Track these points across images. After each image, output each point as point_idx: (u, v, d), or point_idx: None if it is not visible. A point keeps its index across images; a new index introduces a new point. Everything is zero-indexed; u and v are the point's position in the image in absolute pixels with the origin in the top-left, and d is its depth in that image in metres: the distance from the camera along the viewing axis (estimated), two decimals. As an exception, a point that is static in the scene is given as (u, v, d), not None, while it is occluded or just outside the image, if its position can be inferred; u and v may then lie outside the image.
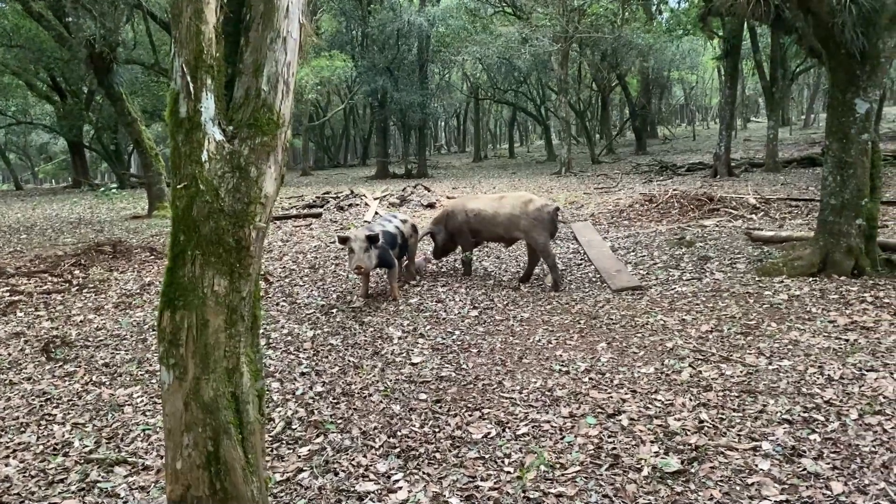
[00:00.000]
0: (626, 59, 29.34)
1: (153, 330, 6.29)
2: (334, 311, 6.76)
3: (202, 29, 2.39)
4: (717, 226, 9.79)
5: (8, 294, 7.47)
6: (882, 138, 23.82)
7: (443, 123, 59.68)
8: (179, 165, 2.41)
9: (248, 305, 2.54)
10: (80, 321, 6.63)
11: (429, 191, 16.49)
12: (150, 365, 5.39)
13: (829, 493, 3.17)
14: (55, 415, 4.51)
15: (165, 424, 2.49)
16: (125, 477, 3.68)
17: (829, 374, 4.44)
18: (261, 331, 5.74)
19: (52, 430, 4.29)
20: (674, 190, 12.85)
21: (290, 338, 5.95)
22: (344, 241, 6.57)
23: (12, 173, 37.17)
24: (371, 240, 6.52)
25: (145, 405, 4.64)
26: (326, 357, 5.47)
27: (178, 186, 2.40)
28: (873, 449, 3.51)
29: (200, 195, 2.39)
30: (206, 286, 2.41)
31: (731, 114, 18.18)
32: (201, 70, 2.40)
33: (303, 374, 5.12)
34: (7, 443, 4.13)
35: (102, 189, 17.29)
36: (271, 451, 3.93)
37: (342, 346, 5.73)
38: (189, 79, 2.38)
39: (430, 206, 14.05)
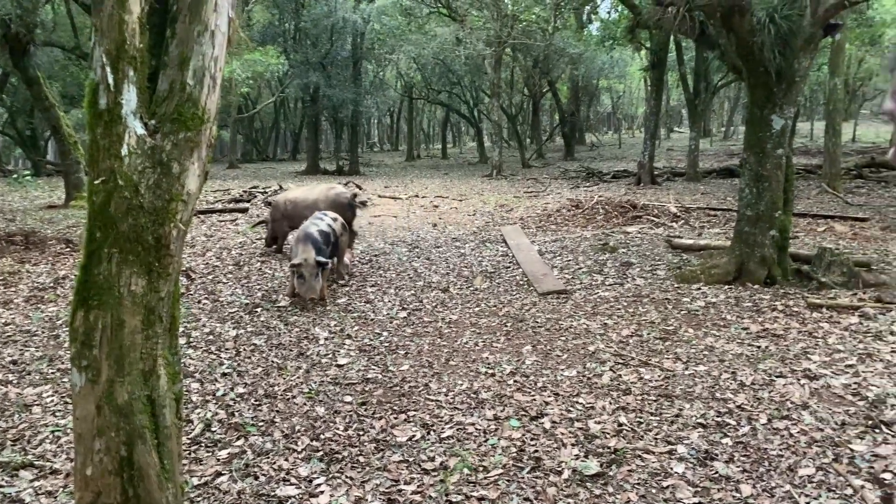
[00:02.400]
0: (557, 66, 29.89)
1: (67, 326, 6.02)
2: (259, 309, 6.62)
3: (125, 18, 2.30)
4: (640, 232, 10.07)
5: None
6: (795, 152, 25.04)
7: (376, 121, 59.32)
8: (98, 159, 2.31)
9: (167, 306, 2.46)
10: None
11: (360, 189, 16.36)
12: (62, 363, 5.16)
13: (738, 495, 3.29)
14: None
15: (76, 428, 2.38)
16: (31, 481, 3.50)
17: (741, 380, 4.63)
18: (181, 329, 5.58)
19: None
20: (599, 196, 13.16)
21: (211, 337, 5.80)
22: (296, 266, 6.46)
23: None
24: (323, 265, 6.53)
25: (55, 405, 4.44)
26: (249, 357, 5.36)
27: (96, 181, 2.30)
28: (780, 452, 3.68)
29: (119, 191, 2.29)
30: (122, 285, 2.32)
31: (655, 124, 18.75)
32: (123, 61, 2.30)
33: (224, 374, 5.00)
34: None
35: (15, 176, 16.41)
36: (189, 454, 3.82)
37: (266, 346, 5.62)
38: (109, 70, 2.28)
39: (362, 204, 13.93)
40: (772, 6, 6.79)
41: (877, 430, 3.86)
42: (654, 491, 3.36)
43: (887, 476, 3.40)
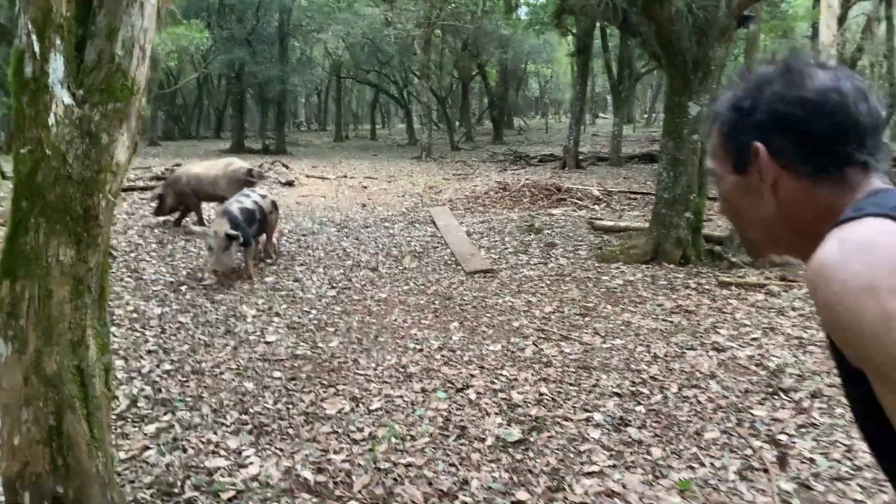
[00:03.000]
0: (487, 49, 30.09)
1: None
2: (184, 287, 6.55)
3: (51, -15, 2.28)
4: (564, 215, 10.38)
5: None
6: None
7: (303, 100, 58.31)
8: (24, 128, 2.29)
9: (96, 276, 2.47)
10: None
11: (288, 168, 16.18)
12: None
13: (649, 457, 3.53)
14: None
15: (2, 398, 2.37)
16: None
17: (654, 352, 4.90)
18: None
19: None
20: (526, 179, 13.44)
21: (135, 315, 5.71)
22: (204, 238, 6.47)
23: None
24: (231, 238, 6.44)
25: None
26: (175, 335, 5.32)
27: (23, 151, 2.28)
28: (689, 418, 3.94)
29: (46, 160, 2.28)
30: (50, 255, 2.32)
31: (580, 109, 19.20)
32: (49, 29, 2.28)
33: (149, 351, 4.95)
34: None
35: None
36: (116, 428, 3.79)
37: (192, 323, 5.59)
38: (35, 38, 2.26)
39: (290, 183, 13.81)
40: (689, -2, 7.10)
41: (776, 397, 4.18)
42: (571, 455, 3.56)
43: (783, 437, 3.70)
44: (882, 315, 0.79)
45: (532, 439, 3.72)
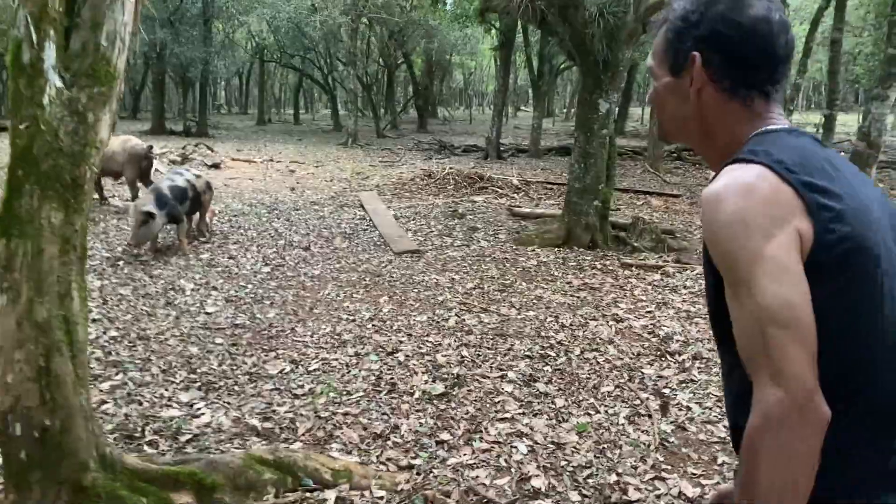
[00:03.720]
0: (413, 39, 30.48)
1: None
2: (121, 262, 6.77)
3: (47, -17, 2.62)
4: (486, 202, 10.98)
5: None
6: (627, 135, 27.34)
7: (223, 83, 57.12)
8: (20, 107, 2.62)
9: (81, 237, 2.82)
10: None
11: (212, 151, 16.19)
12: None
13: (553, 405, 4.11)
14: None
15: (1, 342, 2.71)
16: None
17: (562, 322, 5.52)
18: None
19: None
20: (450, 168, 13.98)
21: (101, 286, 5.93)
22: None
23: None
24: (149, 215, 6.69)
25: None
26: (118, 306, 5.59)
27: (21, 126, 2.62)
28: (588, 376, 4.55)
29: (41, 135, 2.63)
30: (42, 218, 2.66)
31: (503, 101, 19.89)
32: (45, 21, 2.62)
33: (94, 320, 5.21)
34: None
35: None
36: (71, 386, 4.10)
37: (133, 296, 5.85)
38: (33, 29, 2.60)
39: (216, 166, 13.90)
40: (601, 3, 7.76)
41: (663, 359, 4.85)
42: (488, 405, 4.10)
43: (667, 391, 4.35)
44: (741, 245, 1.01)
45: (454, 393, 4.24)
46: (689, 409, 4.12)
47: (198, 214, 7.74)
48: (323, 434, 3.68)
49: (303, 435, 3.67)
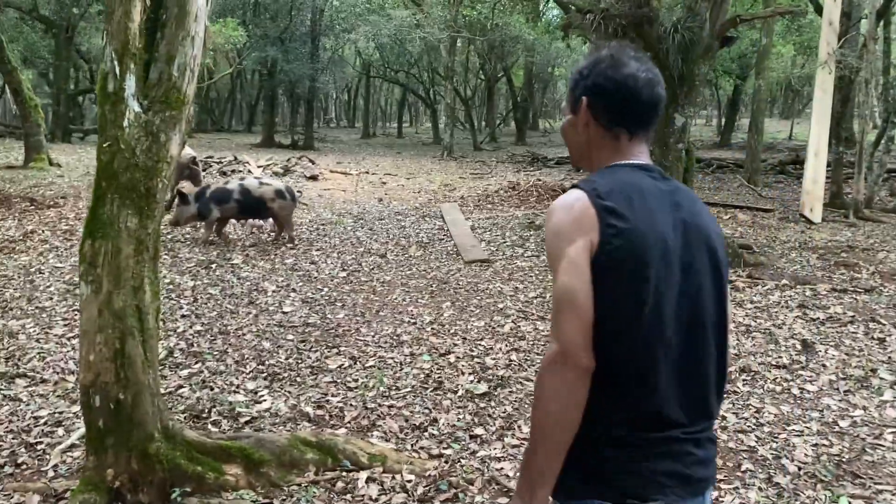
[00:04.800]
0: (513, 53, 30.80)
1: (40, 273, 6.75)
2: (213, 265, 7.43)
3: (129, 25, 3.12)
4: (567, 214, 11.10)
5: None
6: (733, 147, 26.55)
7: (334, 97, 59.49)
8: (105, 129, 3.14)
9: (153, 239, 3.31)
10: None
11: (313, 163, 17.07)
12: (39, 302, 5.91)
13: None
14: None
15: (82, 326, 3.22)
16: (26, 387, 4.31)
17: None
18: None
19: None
20: (536, 180, 14.17)
21: (171, 286, 6.60)
22: None
23: None
24: (182, 197, 8.23)
25: (38, 334, 5.21)
26: (206, 304, 6.18)
27: (104, 145, 3.13)
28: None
29: (121, 152, 3.13)
30: (121, 222, 3.16)
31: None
32: (127, 57, 3.13)
33: (183, 316, 5.82)
34: None
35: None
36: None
37: (220, 295, 6.45)
38: (117, 63, 3.11)
39: (314, 178, 14.69)
40: (676, 19, 7.81)
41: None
42: (526, 406, 4.34)
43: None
44: (555, 245, 1.44)
45: (496, 393, 4.50)
46: (724, 417, 4.20)
47: (271, 220, 8.56)
48: (367, 423, 4.03)
49: (348, 422, 4.03)
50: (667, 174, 1.61)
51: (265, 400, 4.30)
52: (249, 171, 14.66)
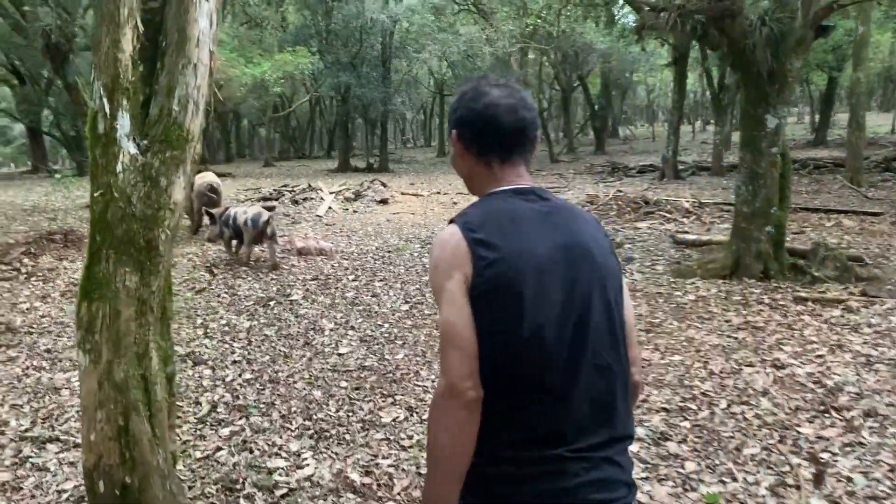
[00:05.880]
0: (588, 61, 29.94)
1: (96, 318, 6.56)
2: (272, 303, 7.10)
3: (119, 56, 2.73)
4: (650, 228, 10.32)
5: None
6: (830, 145, 24.81)
7: (411, 117, 59.93)
8: (97, 175, 2.74)
9: (158, 298, 2.89)
10: (26, 309, 6.88)
11: (385, 186, 16.82)
12: (90, 352, 5.68)
13: (682, 470, 3.62)
14: (-6, 396, 4.79)
15: (82, 402, 2.83)
16: (56, 453, 3.99)
17: (711, 369, 4.92)
18: (199, 321, 6.07)
19: (-9, 410, 4.58)
20: (616, 192, 13.38)
21: (227, 328, 6.28)
22: None
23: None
24: (210, 216, 9.40)
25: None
26: (259, 347, 5.81)
27: (96, 194, 2.74)
28: (731, 434, 3.98)
29: (114, 201, 2.72)
30: (118, 281, 2.75)
31: (678, 118, 18.81)
32: (118, 92, 2.73)
33: (234, 362, 5.45)
34: (-54, 422, 4.41)
35: (59, 175, 17.21)
36: (195, 431, 4.27)
37: (275, 336, 6.08)
38: (106, 100, 2.71)
39: (384, 201, 14.39)
40: (763, 10, 7.00)
41: (826, 415, 4.14)
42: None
43: (825, 455, 3.68)
44: (435, 281, 1.50)
45: (571, 451, 3.88)
46: (850, 479, 3.44)
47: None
48: (419, 493, 3.48)
49: (398, 493, 3.50)
50: (546, 193, 1.60)
51: (307, 464, 3.82)
52: (322, 199, 14.50)
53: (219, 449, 4.02)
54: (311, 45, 25.48)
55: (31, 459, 3.92)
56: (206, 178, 11.16)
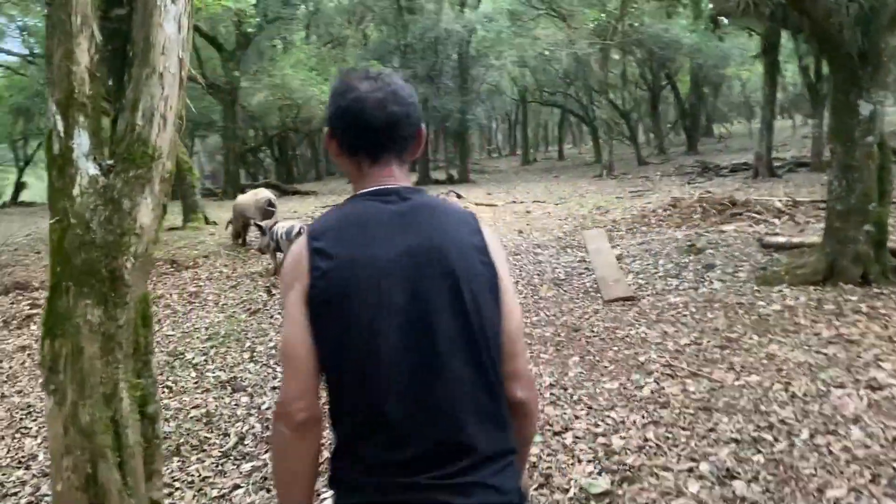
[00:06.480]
0: (676, 59, 28.74)
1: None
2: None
3: (73, 69, 2.49)
4: (736, 231, 9.52)
5: (28, 308, 7.86)
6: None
7: (495, 126, 59.59)
8: (54, 200, 2.51)
9: (127, 333, 2.63)
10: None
11: (460, 197, 16.52)
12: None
13: (750, 518, 3.07)
14: (30, 428, 4.73)
15: (49, 448, 2.60)
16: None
17: (793, 391, 4.29)
18: (246, 345, 5.85)
19: (23, 443, 4.51)
20: (704, 193, 12.55)
21: (273, 352, 6.07)
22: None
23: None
24: (260, 228, 9.71)
25: (116, 419, 4.82)
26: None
27: (52, 221, 2.51)
28: (813, 471, 3.38)
29: (71, 228, 2.48)
30: (79, 316, 2.50)
31: (771, 112, 17.63)
32: (73, 108, 2.50)
33: (274, 388, 5.22)
34: (-21, 455, 4.37)
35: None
36: (217, 466, 4.04)
37: (322, 359, 5.81)
38: (59, 117, 2.48)
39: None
40: (850, -17, 6.24)
41: (934, 448, 3.47)
42: (661, 511, 3.19)
43: (929, 501, 3.04)
44: (282, 292, 1.46)
45: (620, 492, 3.39)
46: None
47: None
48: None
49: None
50: (415, 192, 1.50)
51: (326, 500, 3.49)
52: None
53: (236, 487, 3.76)
54: (389, 60, 25.58)
55: (46, 498, 3.77)
56: (263, 193, 11.59)
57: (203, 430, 4.50)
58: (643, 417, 4.17)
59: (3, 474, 4.09)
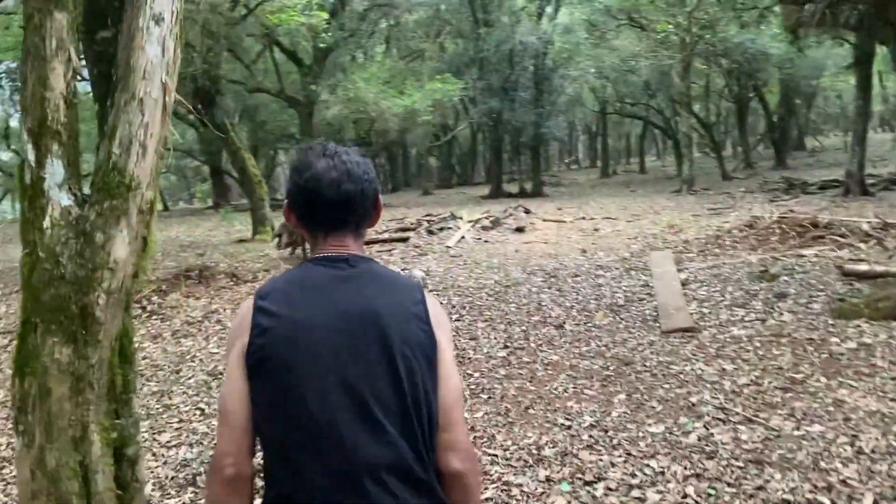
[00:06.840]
0: (764, 69, 27.47)
1: (192, 360, 6.51)
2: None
3: (46, 95, 2.39)
4: (817, 255, 8.83)
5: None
6: None
7: (575, 137, 58.70)
8: (24, 232, 2.41)
9: (100, 373, 2.49)
10: (134, 349, 6.99)
11: (528, 212, 16.14)
12: (169, 398, 5.57)
13: None
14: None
15: (18, 492, 2.49)
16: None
17: (859, 446, 3.81)
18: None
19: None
20: (783, 213, 11.77)
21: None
22: None
23: (161, 194, 40.42)
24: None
25: (144, 438, 4.76)
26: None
27: (23, 253, 2.40)
28: (873, 548, 2.94)
29: (40, 262, 2.37)
30: (46, 354, 2.39)
31: (864, 126, 16.49)
32: (46, 137, 2.39)
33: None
34: None
35: (223, 210, 18.29)
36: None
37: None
38: (31, 146, 2.38)
39: (520, 230, 13.72)
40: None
41: None
42: (689, 588, 2.83)
43: None
44: (227, 349, 1.50)
45: (648, 560, 3.04)
46: None
47: None
48: None
49: None
50: (364, 261, 1.56)
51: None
52: (458, 228, 14.13)
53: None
54: (465, 73, 25.47)
55: None
56: None
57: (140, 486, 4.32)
58: (685, 468, 3.78)
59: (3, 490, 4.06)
